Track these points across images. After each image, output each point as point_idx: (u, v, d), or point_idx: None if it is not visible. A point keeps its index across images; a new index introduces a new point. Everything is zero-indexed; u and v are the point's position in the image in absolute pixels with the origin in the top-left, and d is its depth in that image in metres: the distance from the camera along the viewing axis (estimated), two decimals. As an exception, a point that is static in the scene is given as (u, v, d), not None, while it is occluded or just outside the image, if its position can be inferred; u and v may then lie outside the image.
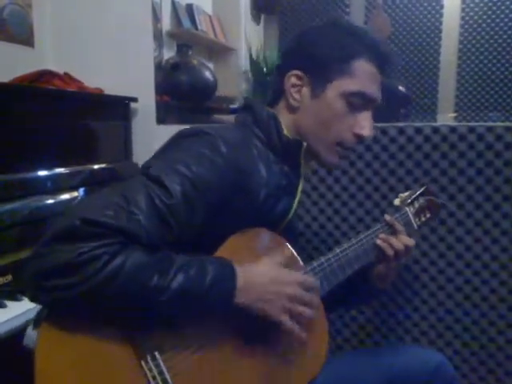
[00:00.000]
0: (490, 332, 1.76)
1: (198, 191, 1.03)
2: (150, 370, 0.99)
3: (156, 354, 1.00)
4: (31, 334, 0.96)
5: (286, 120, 1.23)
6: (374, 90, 1.21)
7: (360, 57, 1.19)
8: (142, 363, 0.99)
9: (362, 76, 1.19)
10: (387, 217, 1.35)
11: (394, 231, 1.34)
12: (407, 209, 1.41)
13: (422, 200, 1.46)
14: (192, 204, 1.02)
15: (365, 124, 1.20)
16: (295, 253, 1.24)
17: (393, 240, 1.31)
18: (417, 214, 1.43)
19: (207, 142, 1.09)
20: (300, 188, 1.27)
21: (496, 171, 1.67)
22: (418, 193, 1.46)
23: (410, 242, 1.33)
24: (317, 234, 1.88)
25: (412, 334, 1.83)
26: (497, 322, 1.75)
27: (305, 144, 1.21)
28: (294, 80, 1.21)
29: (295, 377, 1.17)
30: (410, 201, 1.43)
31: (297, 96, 1.21)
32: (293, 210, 1.25)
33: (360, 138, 1.22)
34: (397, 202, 1.44)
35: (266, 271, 1.08)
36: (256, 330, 1.11)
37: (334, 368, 1.31)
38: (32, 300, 0.95)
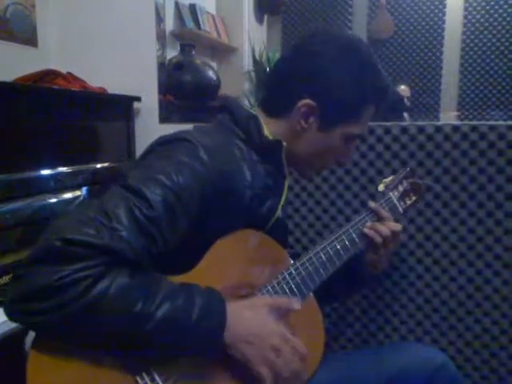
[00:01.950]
0: (493, 331, 1.76)
1: (180, 200, 1.01)
2: None
3: (151, 369, 0.98)
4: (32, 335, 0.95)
5: (278, 131, 1.22)
6: (367, 127, 1.29)
7: (371, 103, 1.22)
8: (138, 379, 0.97)
9: (367, 119, 1.23)
10: (371, 204, 1.36)
11: (380, 218, 1.35)
12: (391, 194, 1.42)
13: (405, 183, 1.46)
14: (174, 214, 1.00)
15: (350, 154, 1.30)
16: (283, 250, 1.24)
17: (380, 227, 1.32)
18: (401, 197, 1.44)
19: (186, 149, 1.07)
20: (286, 187, 1.27)
21: (498, 170, 1.67)
22: (401, 176, 1.46)
23: (397, 227, 1.35)
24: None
25: (415, 334, 1.83)
26: (500, 321, 1.75)
27: (285, 144, 1.20)
28: (304, 109, 1.18)
29: None
30: (393, 185, 1.44)
31: (303, 123, 1.20)
32: (279, 209, 1.24)
33: (341, 164, 1.32)
34: (381, 187, 1.45)
35: (254, 314, 1.06)
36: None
37: (334, 366, 1.32)
38: (12, 321, 0.92)
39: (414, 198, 1.47)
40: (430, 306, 1.80)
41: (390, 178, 1.47)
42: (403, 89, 3.63)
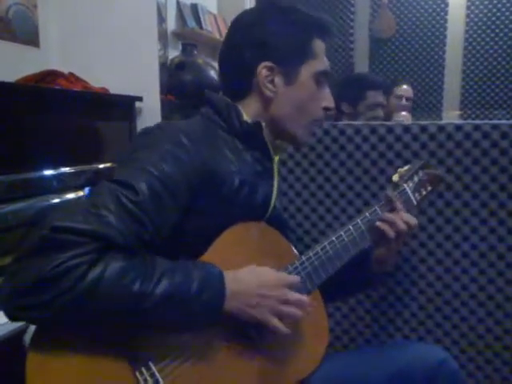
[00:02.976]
0: (496, 331, 1.75)
1: (166, 186, 1.02)
2: (146, 380, 0.98)
3: (150, 363, 0.99)
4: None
5: (253, 111, 1.24)
6: (328, 64, 1.29)
7: (315, 37, 1.25)
8: (137, 374, 0.98)
9: (321, 54, 1.26)
10: (389, 192, 1.33)
11: (392, 210, 1.31)
12: (405, 185, 1.38)
13: (421, 173, 1.42)
14: (161, 199, 1.01)
15: (329, 97, 1.29)
16: (289, 243, 1.25)
17: (394, 219, 1.29)
18: (416, 189, 1.40)
19: (168, 137, 1.09)
20: (276, 170, 1.29)
21: (501, 169, 1.66)
22: (418, 166, 1.43)
23: (412, 219, 1.31)
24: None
25: (418, 333, 1.82)
26: (503, 320, 1.74)
27: (263, 124, 1.21)
28: (265, 72, 1.21)
29: (292, 372, 1.17)
30: (408, 176, 1.40)
31: (270, 86, 1.22)
32: (274, 194, 1.26)
33: (328, 110, 1.29)
34: (395, 177, 1.40)
35: (250, 275, 1.08)
36: (247, 331, 1.11)
37: (336, 364, 1.32)
38: (12, 320, 0.92)
39: (429, 189, 1.43)
40: (433, 305, 1.79)
41: (406, 167, 1.44)
42: (405, 89, 3.60)
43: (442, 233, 1.75)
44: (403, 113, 3.41)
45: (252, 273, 1.09)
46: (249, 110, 1.24)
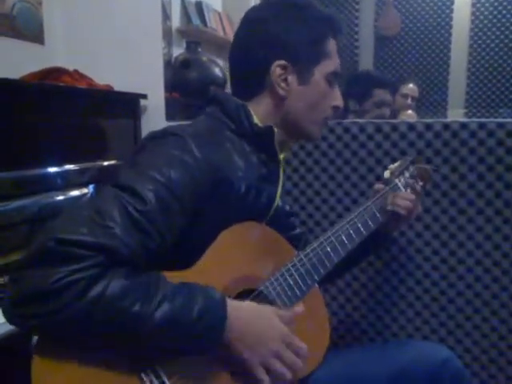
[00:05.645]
0: (501, 330, 1.75)
1: (173, 194, 1.00)
2: (151, 381, 0.97)
3: (156, 365, 0.98)
4: None
5: (263, 111, 1.23)
6: (339, 63, 1.28)
7: (329, 36, 1.24)
8: (143, 376, 0.97)
9: (334, 54, 1.25)
10: (377, 186, 1.41)
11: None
12: (397, 180, 1.41)
13: (412, 169, 1.45)
14: (168, 208, 1.00)
15: (339, 96, 1.29)
16: (287, 242, 1.25)
17: (399, 201, 1.37)
18: (408, 184, 1.43)
19: (176, 143, 1.07)
20: (281, 174, 1.28)
21: (507, 167, 1.66)
22: (408, 162, 1.45)
23: (410, 196, 1.40)
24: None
25: (422, 332, 1.82)
26: (507, 319, 1.73)
27: (275, 130, 1.20)
28: (279, 71, 1.20)
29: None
30: (399, 171, 1.43)
31: (283, 85, 1.21)
32: (277, 197, 1.26)
33: (336, 109, 1.29)
34: (386, 174, 1.43)
35: (255, 316, 1.06)
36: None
37: (339, 362, 1.32)
38: (13, 325, 0.91)
39: (420, 184, 1.46)
40: (437, 304, 1.79)
41: (397, 164, 1.46)
42: (412, 88, 3.58)
43: (446, 231, 1.74)
44: (409, 111, 3.41)
45: (261, 315, 1.07)
46: (259, 110, 1.23)
